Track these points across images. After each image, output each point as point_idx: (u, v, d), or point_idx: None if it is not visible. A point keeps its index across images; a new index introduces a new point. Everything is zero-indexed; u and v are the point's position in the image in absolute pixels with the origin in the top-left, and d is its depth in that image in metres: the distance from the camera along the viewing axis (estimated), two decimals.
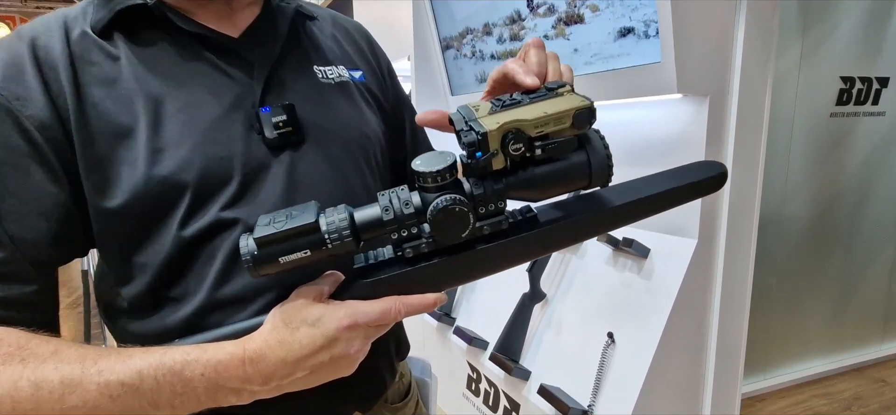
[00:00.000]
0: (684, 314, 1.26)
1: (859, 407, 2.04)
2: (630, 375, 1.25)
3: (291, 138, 0.54)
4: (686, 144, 1.24)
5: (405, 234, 0.45)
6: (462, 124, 0.44)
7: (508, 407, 1.57)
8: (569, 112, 0.43)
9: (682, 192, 0.49)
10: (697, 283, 1.28)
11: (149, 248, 0.50)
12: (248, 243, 0.43)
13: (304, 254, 0.43)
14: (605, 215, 0.49)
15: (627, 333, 1.31)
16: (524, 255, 0.49)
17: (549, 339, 1.51)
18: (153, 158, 0.49)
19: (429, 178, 0.43)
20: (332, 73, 0.62)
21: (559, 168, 0.44)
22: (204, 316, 0.51)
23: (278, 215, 0.44)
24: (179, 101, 0.51)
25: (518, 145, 0.42)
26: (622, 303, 1.35)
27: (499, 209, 0.45)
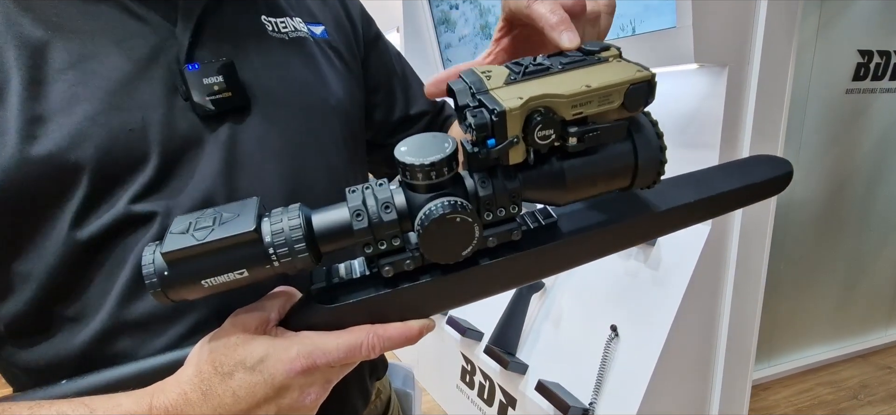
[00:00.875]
0: (694, 307, 1.17)
1: (866, 396, 1.98)
2: (635, 371, 1.16)
3: (230, 106, 0.42)
4: (701, 119, 1.13)
5: (383, 246, 0.33)
6: (467, 97, 0.32)
7: (504, 402, 1.49)
8: (620, 86, 0.30)
9: (739, 195, 0.39)
10: (709, 273, 1.18)
11: (29, 252, 0.37)
12: (155, 258, 0.31)
13: (240, 274, 0.32)
14: (645, 224, 0.37)
15: (632, 326, 1.21)
16: (539, 272, 0.38)
17: (547, 331, 1.42)
18: (30, 129, 0.36)
19: (418, 172, 0.31)
20: (284, 27, 0.49)
21: (595, 163, 0.33)
22: (108, 342, 0.39)
23: (202, 217, 0.32)
24: (69, 53, 0.38)
25: (547, 132, 0.30)
26: (627, 294, 1.25)
27: (510, 215, 0.34)
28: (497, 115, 0.29)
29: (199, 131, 0.41)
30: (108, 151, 0.37)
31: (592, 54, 0.33)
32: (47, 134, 0.36)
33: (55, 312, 0.39)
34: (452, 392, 1.79)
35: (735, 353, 1.27)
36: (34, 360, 0.40)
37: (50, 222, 0.37)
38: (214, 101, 0.41)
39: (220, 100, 0.41)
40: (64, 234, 0.37)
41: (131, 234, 0.39)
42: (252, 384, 0.33)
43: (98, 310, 0.39)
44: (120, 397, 0.34)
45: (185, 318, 0.40)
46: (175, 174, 0.40)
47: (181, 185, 0.40)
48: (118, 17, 0.40)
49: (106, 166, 0.37)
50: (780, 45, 1.10)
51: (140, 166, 0.39)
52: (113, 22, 0.40)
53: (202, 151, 0.41)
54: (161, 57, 0.41)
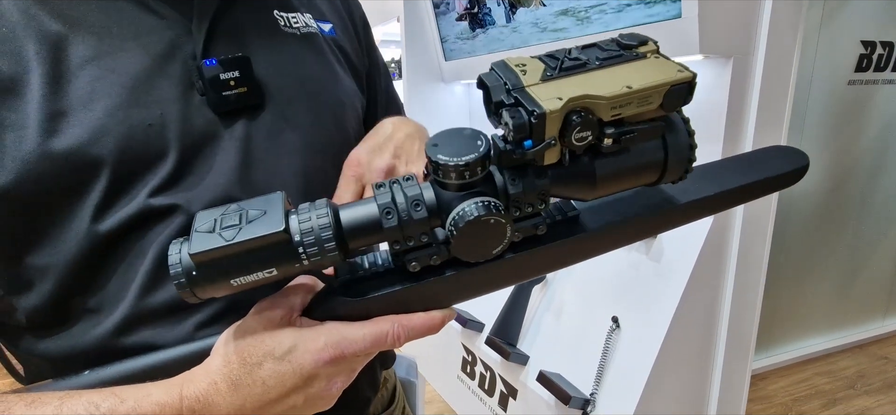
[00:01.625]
0: (695, 299, 1.17)
1: (863, 385, 2.00)
2: (636, 362, 1.16)
3: (246, 102, 0.42)
4: (705, 111, 1.12)
5: (412, 243, 0.33)
6: (502, 94, 0.31)
7: (505, 392, 1.50)
8: (661, 87, 0.29)
9: (757, 187, 0.39)
10: (710, 266, 1.19)
11: (49, 245, 0.37)
12: (182, 258, 0.30)
13: (269, 273, 0.31)
14: (665, 216, 0.38)
15: (633, 318, 1.22)
16: (561, 263, 0.38)
17: (548, 323, 1.42)
18: (51, 124, 0.36)
19: (452, 172, 0.31)
20: (296, 22, 0.49)
21: (626, 162, 0.32)
22: (129, 332, 0.39)
23: (228, 214, 0.31)
24: (88, 48, 0.38)
25: (585, 134, 0.29)
26: (628, 286, 1.26)
27: (536, 211, 0.34)
28: (537, 117, 0.28)
29: (215, 127, 0.41)
30: (128, 146, 0.38)
31: (630, 48, 0.32)
32: (68, 128, 0.36)
33: (75, 304, 0.39)
34: (453, 382, 1.80)
35: (735, 344, 1.27)
36: (54, 350, 0.40)
37: (69, 216, 0.37)
38: (230, 96, 0.41)
39: (235, 96, 0.41)
40: (84, 227, 0.37)
41: (151, 227, 0.39)
42: (281, 374, 0.33)
43: (118, 301, 0.39)
44: (149, 387, 0.34)
45: (204, 308, 0.41)
46: (193, 169, 0.40)
47: (199, 179, 0.40)
48: (135, 13, 0.40)
49: (125, 161, 0.38)
50: (785, 36, 1.09)
51: (159, 161, 0.39)
52: (130, 18, 0.40)
53: (218, 146, 0.41)
54: (177, 53, 0.41)
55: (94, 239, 0.38)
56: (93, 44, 0.38)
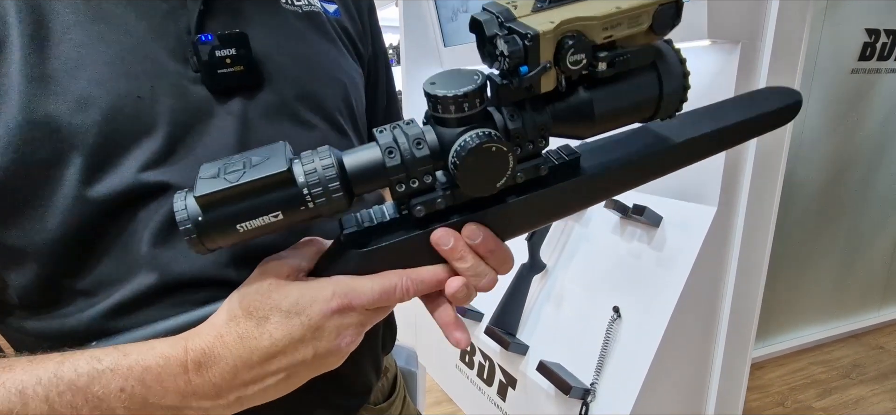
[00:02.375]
0: (697, 289, 1.16)
1: (858, 375, 2.01)
2: (637, 352, 1.16)
3: (242, 81, 0.40)
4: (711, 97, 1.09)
5: (415, 184, 0.33)
6: (495, 27, 0.31)
7: (504, 382, 1.49)
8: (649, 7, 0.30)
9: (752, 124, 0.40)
10: (713, 254, 1.17)
11: (36, 219, 0.35)
12: (188, 204, 0.31)
13: (274, 217, 0.31)
14: (664, 157, 0.38)
15: (635, 308, 1.21)
16: (564, 209, 0.38)
17: (548, 312, 1.41)
18: (33, 88, 0.34)
19: (451, 104, 0.31)
20: (299, 0, 0.47)
21: (622, 92, 0.33)
22: (124, 315, 0.38)
23: (231, 163, 0.32)
24: (76, 13, 0.36)
25: (579, 56, 0.30)
26: (630, 275, 1.24)
27: (537, 150, 0.34)
28: (530, 39, 0.29)
29: (209, 104, 0.39)
30: (114, 118, 0.35)
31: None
32: (49, 96, 0.34)
33: (66, 285, 0.37)
34: (452, 371, 1.80)
35: (736, 334, 1.27)
36: (47, 330, 0.38)
37: (55, 188, 0.35)
38: (226, 74, 0.39)
39: (231, 74, 0.39)
40: (69, 201, 0.35)
41: (143, 206, 0.37)
42: (289, 326, 0.32)
43: (112, 283, 0.37)
44: (154, 342, 0.33)
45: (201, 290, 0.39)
46: (186, 146, 0.38)
47: (192, 158, 0.38)
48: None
49: (112, 132, 0.35)
50: (794, 22, 1.06)
51: (148, 135, 0.37)
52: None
53: (213, 124, 0.39)
54: (171, 25, 0.39)
55: (82, 216, 0.36)
56: (81, 9, 0.36)
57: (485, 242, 0.36)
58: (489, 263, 0.37)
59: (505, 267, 0.38)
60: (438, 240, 0.35)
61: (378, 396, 0.59)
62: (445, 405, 1.87)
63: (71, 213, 0.35)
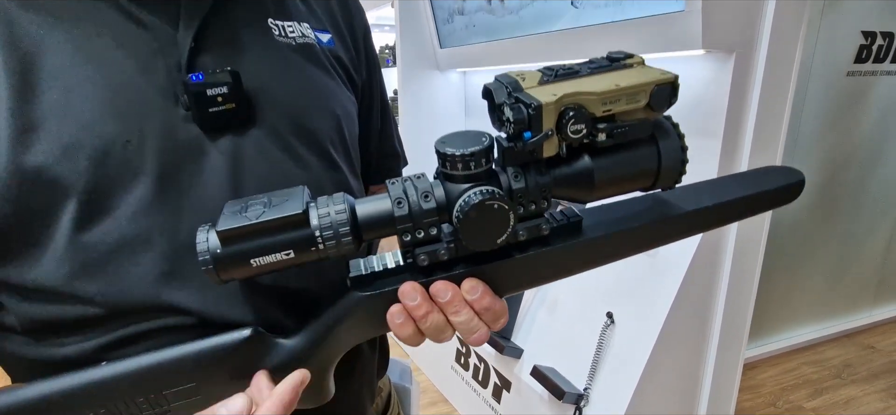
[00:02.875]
0: (691, 295, 1.17)
1: (849, 375, 2.03)
2: (630, 358, 1.17)
3: (234, 117, 0.40)
4: (705, 106, 1.10)
5: (421, 235, 0.35)
6: (504, 96, 0.34)
7: (499, 385, 1.50)
8: (646, 86, 0.33)
9: (753, 201, 0.41)
10: (707, 260, 1.18)
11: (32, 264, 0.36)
12: (209, 238, 0.33)
13: (286, 255, 0.33)
14: (666, 225, 0.39)
15: (629, 313, 1.22)
16: (564, 269, 0.39)
17: (542, 317, 1.42)
18: (22, 138, 0.33)
19: (458, 162, 0.33)
20: (292, 31, 0.46)
21: (621, 161, 0.35)
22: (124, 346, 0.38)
23: (253, 202, 0.34)
24: (64, 57, 0.35)
25: (579, 126, 0.32)
26: (624, 281, 1.25)
27: (540, 210, 0.36)
28: (534, 108, 0.31)
29: (201, 142, 0.39)
30: (103, 163, 0.35)
31: (618, 61, 0.35)
32: (38, 143, 0.34)
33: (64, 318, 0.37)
34: (447, 373, 1.81)
35: (728, 337, 1.28)
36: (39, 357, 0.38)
37: (51, 235, 0.35)
38: (217, 113, 0.38)
39: (223, 112, 0.39)
40: (63, 248, 0.35)
41: (140, 249, 0.37)
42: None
43: (111, 319, 0.37)
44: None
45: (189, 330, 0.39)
46: (177, 187, 0.38)
47: (184, 198, 0.38)
48: (117, 21, 0.38)
49: (101, 178, 0.35)
50: (788, 31, 1.07)
51: (137, 178, 0.36)
52: (111, 25, 0.37)
53: (205, 161, 0.39)
54: (160, 63, 0.38)
55: (76, 262, 0.36)
56: (69, 52, 0.36)
57: (481, 298, 0.36)
58: (483, 319, 0.37)
59: (497, 325, 0.38)
60: (436, 292, 0.36)
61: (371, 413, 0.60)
62: (441, 406, 1.88)
63: (65, 259, 0.35)
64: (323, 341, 0.38)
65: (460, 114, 2.01)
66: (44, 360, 0.38)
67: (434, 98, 1.98)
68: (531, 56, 1.43)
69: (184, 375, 0.36)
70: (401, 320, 0.36)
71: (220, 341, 0.37)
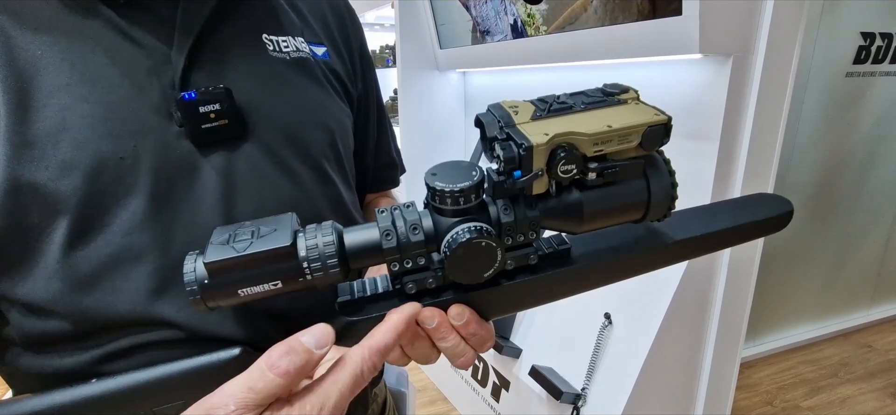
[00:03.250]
0: (688, 293, 1.18)
1: (845, 374, 2.05)
2: (627, 358, 1.18)
3: (226, 133, 0.40)
4: (702, 111, 1.11)
5: (409, 264, 0.35)
6: (496, 130, 0.34)
7: (498, 384, 1.51)
8: (639, 128, 0.32)
9: (743, 231, 0.41)
10: (704, 260, 1.19)
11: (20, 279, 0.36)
12: (196, 267, 0.32)
13: (274, 285, 0.33)
14: (653, 255, 0.39)
15: (626, 314, 1.23)
16: (551, 295, 0.39)
17: (541, 318, 1.43)
18: (17, 154, 0.34)
19: (448, 198, 0.33)
20: (286, 46, 0.47)
21: (611, 197, 0.35)
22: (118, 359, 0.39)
23: (241, 231, 0.33)
24: (61, 75, 0.36)
25: (570, 167, 0.32)
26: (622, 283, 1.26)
27: (528, 241, 0.36)
28: (524, 149, 0.31)
29: (193, 157, 0.39)
30: (97, 180, 0.36)
31: (613, 95, 0.35)
32: (33, 161, 0.34)
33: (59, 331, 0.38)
34: (447, 372, 1.82)
35: (725, 336, 1.29)
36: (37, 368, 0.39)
37: (44, 251, 0.36)
38: (209, 129, 0.39)
39: (215, 128, 0.39)
40: (55, 264, 0.36)
41: (133, 266, 0.37)
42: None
43: (105, 332, 0.38)
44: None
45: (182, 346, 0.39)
46: (170, 204, 0.38)
47: (177, 214, 0.39)
48: (112, 39, 0.38)
49: (95, 194, 0.36)
50: (786, 35, 1.07)
51: (131, 195, 0.37)
52: (107, 44, 0.38)
53: (198, 178, 0.40)
54: (155, 81, 0.39)
55: (69, 279, 0.36)
56: (65, 71, 0.36)
57: (467, 324, 0.36)
58: (470, 344, 0.38)
59: (483, 348, 0.39)
60: (424, 319, 0.36)
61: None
62: (440, 404, 1.89)
63: (56, 275, 0.36)
64: None
65: (460, 114, 2.02)
66: (44, 372, 0.39)
67: (434, 98, 1.98)
68: (531, 58, 1.44)
69: (173, 392, 0.36)
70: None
71: (208, 360, 0.37)
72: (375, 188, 0.64)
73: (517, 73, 1.71)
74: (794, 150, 1.89)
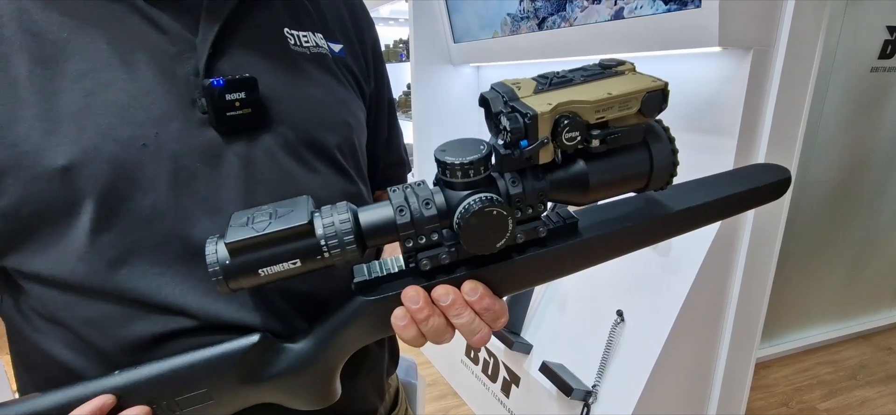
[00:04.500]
0: (702, 295, 1.16)
1: (864, 376, 2.00)
2: (639, 356, 1.17)
3: (249, 123, 0.41)
4: (720, 104, 1.09)
5: (422, 240, 0.36)
6: (501, 105, 0.35)
7: (508, 379, 1.51)
8: (637, 94, 0.34)
9: (742, 198, 0.42)
10: (720, 258, 1.17)
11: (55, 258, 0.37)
12: (218, 250, 0.33)
13: (293, 264, 0.34)
14: (659, 224, 0.40)
15: (639, 311, 1.21)
16: (561, 269, 0.40)
17: (553, 313, 1.42)
18: (45, 139, 0.35)
19: (458, 171, 0.34)
20: (307, 41, 0.48)
21: (615, 165, 0.36)
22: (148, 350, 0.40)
23: (259, 213, 0.35)
24: (85, 61, 0.37)
25: (574, 134, 0.33)
26: (635, 280, 1.25)
27: (537, 213, 0.37)
28: (530, 118, 0.33)
29: (215, 145, 0.40)
30: (119, 166, 0.37)
31: (610, 68, 0.36)
32: (59, 146, 0.35)
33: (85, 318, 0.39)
34: (457, 366, 1.83)
35: (740, 336, 1.27)
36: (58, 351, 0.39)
37: (71, 235, 0.36)
38: (234, 116, 0.40)
39: (239, 116, 0.40)
40: (82, 248, 0.37)
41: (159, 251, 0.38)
42: None
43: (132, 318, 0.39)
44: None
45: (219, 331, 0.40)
46: (190, 190, 0.39)
47: (197, 200, 0.39)
48: (138, 25, 0.39)
49: (117, 180, 0.37)
50: (809, 27, 1.04)
51: (152, 181, 0.38)
52: (132, 30, 0.39)
53: (220, 164, 0.40)
54: (179, 68, 0.39)
55: (92, 262, 0.37)
56: (91, 56, 0.37)
57: (481, 299, 0.37)
58: (483, 319, 0.38)
59: (498, 324, 0.39)
60: (438, 297, 0.37)
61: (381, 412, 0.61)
62: (450, 398, 1.90)
63: (84, 259, 0.37)
64: (329, 345, 0.39)
65: (473, 108, 2.01)
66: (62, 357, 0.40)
67: (447, 93, 1.98)
68: (545, 52, 1.42)
69: (196, 381, 0.37)
70: (404, 322, 0.37)
71: (229, 348, 0.38)
72: (384, 185, 0.64)
73: (531, 68, 1.70)
74: (816, 146, 1.84)
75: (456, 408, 1.85)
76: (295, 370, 0.39)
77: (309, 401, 0.41)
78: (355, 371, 0.48)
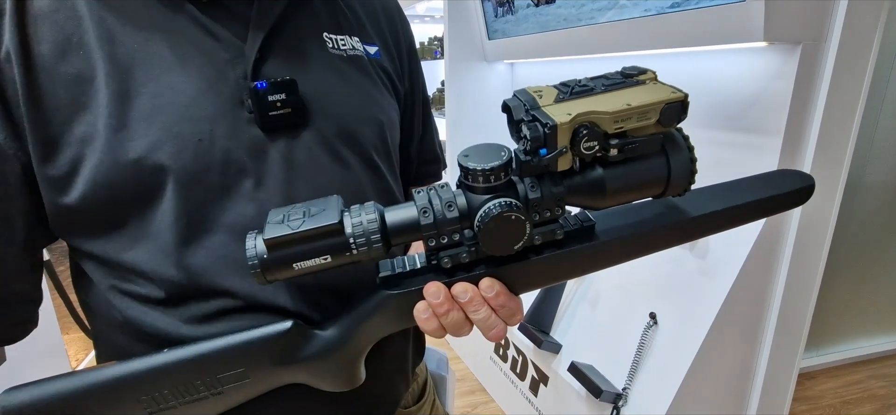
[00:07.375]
0: (742, 298, 1.12)
1: None
2: (672, 361, 1.14)
3: (289, 122, 0.44)
4: (766, 102, 1.04)
5: (444, 240, 0.38)
6: (522, 113, 0.36)
7: (536, 378, 1.51)
8: (657, 105, 0.34)
9: (762, 205, 0.42)
10: (761, 264, 1.12)
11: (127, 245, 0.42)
12: (257, 245, 0.36)
13: (324, 260, 0.37)
14: (675, 229, 0.41)
15: (673, 315, 1.18)
16: (577, 270, 0.42)
17: (583, 313, 1.41)
18: (115, 136, 0.39)
19: (479, 176, 0.36)
20: (344, 44, 0.51)
21: (632, 172, 0.37)
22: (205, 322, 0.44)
23: (294, 211, 0.37)
24: (153, 67, 0.41)
25: (592, 143, 0.34)
26: (669, 282, 1.22)
27: (554, 216, 0.38)
28: (549, 128, 0.34)
29: (261, 142, 0.44)
30: (179, 158, 0.40)
31: (631, 77, 0.37)
32: (131, 140, 0.39)
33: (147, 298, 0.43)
34: (486, 362, 1.83)
35: (782, 344, 1.22)
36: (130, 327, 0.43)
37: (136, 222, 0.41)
38: (276, 116, 0.43)
39: (281, 115, 0.43)
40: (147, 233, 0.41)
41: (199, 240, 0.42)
42: None
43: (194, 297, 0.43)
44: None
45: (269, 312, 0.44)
46: (238, 181, 0.43)
47: (245, 191, 0.43)
48: (195, 34, 0.43)
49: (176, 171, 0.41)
50: (866, 20, 0.98)
51: (207, 173, 0.42)
52: (190, 38, 0.43)
53: (264, 160, 0.44)
54: (230, 72, 0.43)
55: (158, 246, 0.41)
56: (157, 63, 0.41)
57: (498, 296, 0.39)
58: (499, 315, 0.40)
59: (513, 320, 0.41)
60: (458, 293, 0.39)
61: (408, 400, 0.63)
62: (478, 394, 1.91)
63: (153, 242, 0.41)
64: (354, 333, 0.42)
65: None
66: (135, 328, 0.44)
67: (481, 89, 1.98)
68: (582, 48, 1.40)
69: (234, 361, 0.40)
70: (426, 315, 0.40)
71: (264, 332, 0.41)
72: (418, 182, 0.66)
73: (566, 64, 1.68)
74: (872, 148, 1.73)
75: (484, 404, 1.86)
76: (323, 355, 0.42)
77: (335, 383, 0.44)
78: (380, 357, 0.51)
